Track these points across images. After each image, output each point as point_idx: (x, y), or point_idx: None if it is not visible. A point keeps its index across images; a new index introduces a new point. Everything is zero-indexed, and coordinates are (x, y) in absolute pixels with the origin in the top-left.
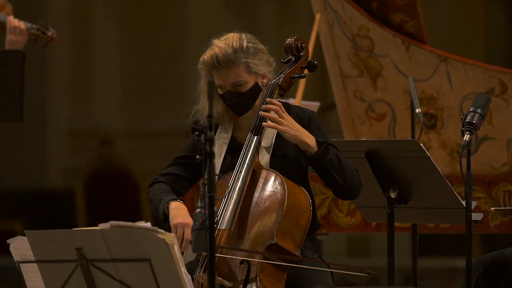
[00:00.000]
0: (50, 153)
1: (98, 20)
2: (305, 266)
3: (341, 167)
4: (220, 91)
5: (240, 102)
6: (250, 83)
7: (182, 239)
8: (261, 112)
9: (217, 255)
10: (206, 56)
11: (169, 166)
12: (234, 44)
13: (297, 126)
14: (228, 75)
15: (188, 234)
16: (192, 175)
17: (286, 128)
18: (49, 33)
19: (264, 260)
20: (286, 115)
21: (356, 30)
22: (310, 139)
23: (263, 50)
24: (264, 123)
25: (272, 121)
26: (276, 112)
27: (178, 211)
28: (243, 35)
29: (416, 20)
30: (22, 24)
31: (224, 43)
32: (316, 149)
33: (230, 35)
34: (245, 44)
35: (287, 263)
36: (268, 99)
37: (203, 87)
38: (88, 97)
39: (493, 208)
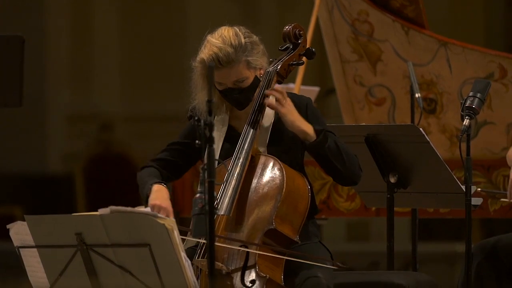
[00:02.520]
0: (49, 138)
1: (98, 5)
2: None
3: (340, 153)
4: (219, 88)
5: (243, 98)
6: (251, 78)
7: None
8: (267, 91)
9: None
10: (204, 55)
11: (162, 152)
12: (233, 42)
13: (297, 114)
14: (230, 74)
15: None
16: (184, 162)
17: (286, 111)
18: None
19: (263, 245)
20: (289, 101)
21: (356, 15)
22: (308, 128)
23: (258, 42)
24: (266, 101)
25: (276, 103)
26: (279, 99)
27: (158, 193)
28: (237, 30)
29: (415, 5)
30: None
31: (221, 41)
32: (314, 137)
33: (225, 30)
34: (243, 41)
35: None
36: (276, 86)
37: (198, 81)
38: (87, 82)
39: (479, 189)
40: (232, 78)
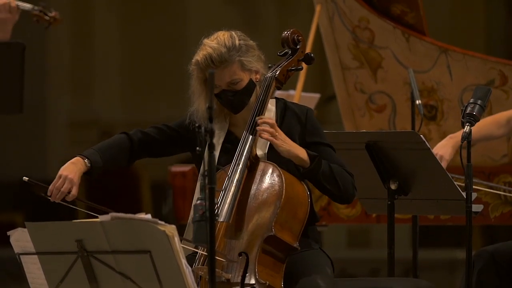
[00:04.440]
0: (50, 144)
1: (99, 12)
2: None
3: (334, 178)
4: (215, 91)
5: (237, 100)
6: (245, 80)
7: (60, 191)
8: (259, 128)
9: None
10: (199, 57)
11: (151, 127)
12: (227, 43)
13: (290, 141)
14: (224, 74)
15: (66, 188)
16: (166, 146)
17: (281, 142)
18: (52, 14)
19: (262, 252)
20: (280, 131)
21: (356, 22)
22: (303, 153)
23: (254, 46)
24: (261, 134)
25: (269, 135)
26: (269, 130)
27: (72, 165)
28: (233, 33)
29: (416, 12)
30: (12, 1)
31: (216, 42)
32: (308, 163)
33: (220, 33)
34: (237, 42)
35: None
36: (263, 118)
37: (196, 86)
38: (88, 89)
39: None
40: (225, 79)
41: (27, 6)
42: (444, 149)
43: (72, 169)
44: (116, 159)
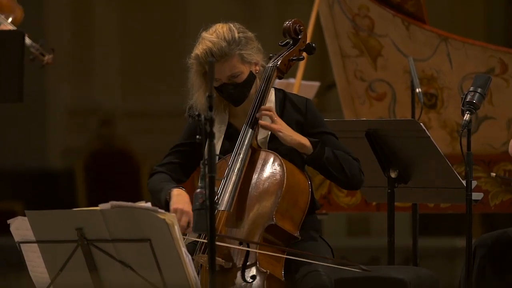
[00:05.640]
0: (50, 133)
1: (99, 1)
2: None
3: (339, 163)
4: (215, 84)
5: (237, 93)
6: (245, 73)
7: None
8: (258, 114)
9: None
10: (198, 51)
11: (167, 156)
12: (226, 36)
13: (290, 129)
14: (224, 68)
15: (184, 221)
16: (191, 162)
17: (280, 128)
18: (46, 58)
19: (263, 241)
20: (279, 119)
21: (356, 10)
22: (304, 140)
23: (253, 38)
24: (260, 122)
25: (269, 122)
26: (271, 117)
27: (179, 197)
28: (232, 26)
29: (415, 0)
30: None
31: (215, 36)
32: (311, 149)
33: (219, 26)
34: (236, 35)
35: (283, 255)
36: (262, 107)
37: (195, 80)
38: (88, 78)
39: (493, 174)
40: (226, 72)
41: (27, 41)
42: None
43: (183, 200)
44: None
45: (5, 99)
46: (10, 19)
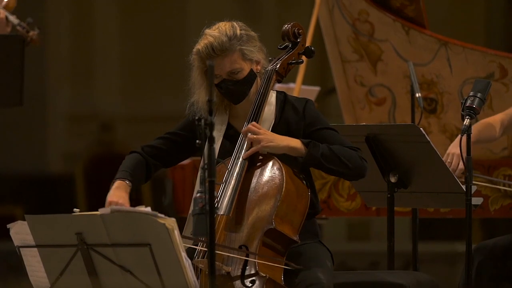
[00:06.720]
0: (50, 137)
1: (98, 4)
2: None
3: (337, 157)
4: (215, 81)
5: (237, 90)
6: (246, 70)
7: None
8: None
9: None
10: (200, 46)
11: (157, 139)
12: (228, 32)
13: (277, 136)
14: (224, 63)
15: None
16: (176, 152)
17: (265, 143)
18: (30, 34)
19: (263, 245)
20: (262, 130)
21: (356, 15)
22: (295, 142)
23: (255, 37)
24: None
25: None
26: (252, 131)
27: (116, 191)
28: (235, 23)
29: (416, 4)
30: (1, 12)
31: (217, 32)
32: (304, 150)
33: (222, 23)
34: (238, 31)
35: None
36: (243, 130)
37: (196, 77)
38: (88, 82)
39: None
40: (226, 67)
41: (14, 20)
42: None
43: (120, 195)
44: (140, 178)
45: (6, 103)
46: (2, 4)
